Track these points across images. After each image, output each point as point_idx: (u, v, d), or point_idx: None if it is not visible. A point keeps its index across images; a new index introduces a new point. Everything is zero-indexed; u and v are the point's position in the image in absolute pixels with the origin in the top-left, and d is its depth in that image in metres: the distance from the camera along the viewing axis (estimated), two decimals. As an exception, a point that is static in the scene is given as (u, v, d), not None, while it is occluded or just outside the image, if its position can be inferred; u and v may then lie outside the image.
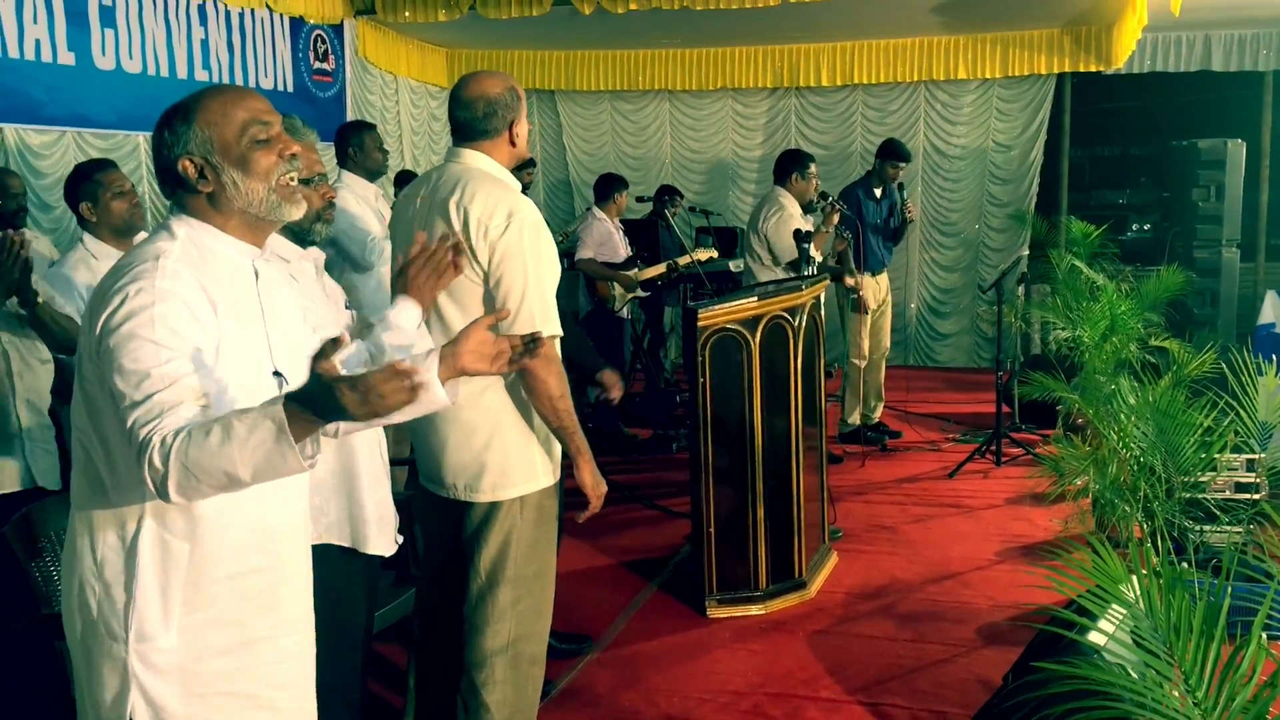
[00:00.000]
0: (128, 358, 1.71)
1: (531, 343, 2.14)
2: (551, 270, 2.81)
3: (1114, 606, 2.48)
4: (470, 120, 2.84)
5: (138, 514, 1.80)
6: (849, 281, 6.80)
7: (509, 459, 2.83)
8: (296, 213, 1.92)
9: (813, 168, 6.25)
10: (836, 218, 6.51)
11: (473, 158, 2.84)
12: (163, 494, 1.65)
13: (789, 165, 6.23)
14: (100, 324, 1.75)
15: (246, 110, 1.88)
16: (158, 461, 1.63)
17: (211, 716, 1.85)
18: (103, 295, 1.78)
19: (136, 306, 1.74)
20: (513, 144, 2.89)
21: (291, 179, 1.90)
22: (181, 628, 1.82)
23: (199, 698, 1.84)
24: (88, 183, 3.61)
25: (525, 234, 2.72)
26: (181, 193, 1.89)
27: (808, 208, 6.42)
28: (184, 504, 1.72)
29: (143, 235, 3.48)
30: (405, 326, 2.51)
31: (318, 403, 1.58)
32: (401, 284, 2.54)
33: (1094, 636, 2.61)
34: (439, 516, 2.97)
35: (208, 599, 1.84)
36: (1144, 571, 2.42)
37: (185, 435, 1.62)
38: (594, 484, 2.91)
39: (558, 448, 2.94)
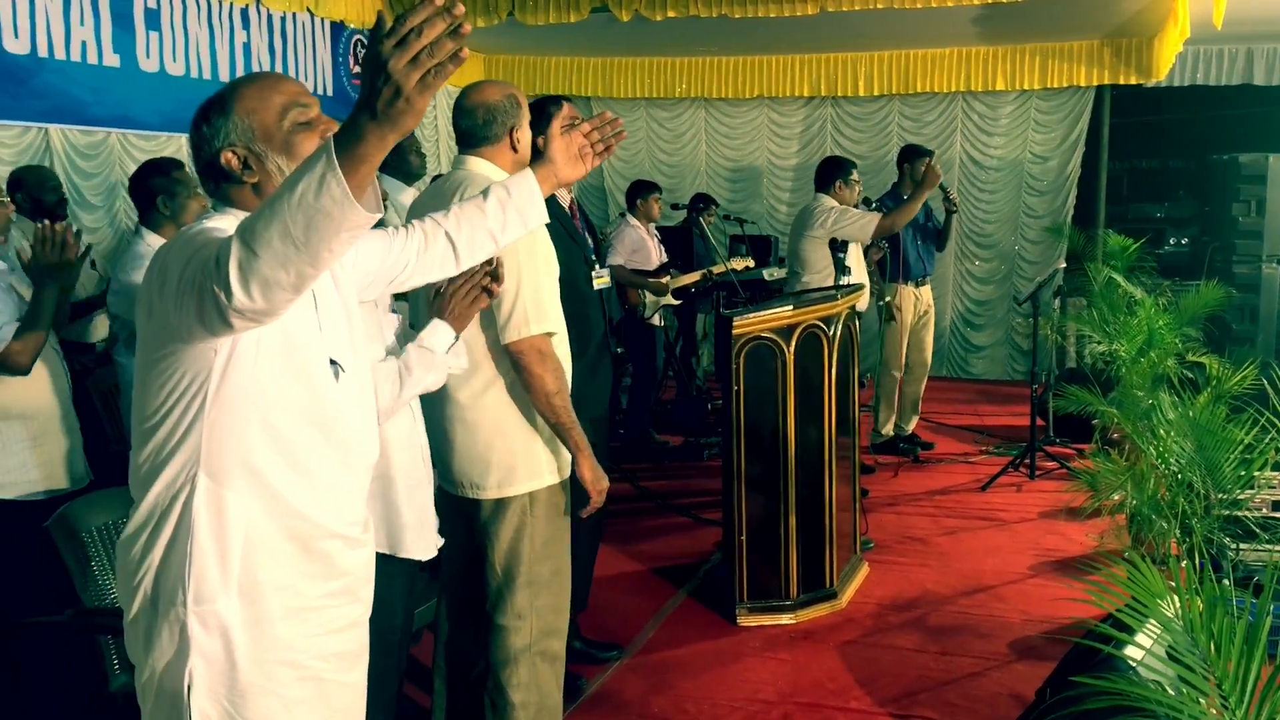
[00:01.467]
0: (185, 250, 1.68)
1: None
2: (547, 269, 2.87)
3: (1150, 622, 2.47)
4: (472, 127, 2.95)
5: (191, 470, 1.77)
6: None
7: (514, 456, 2.88)
8: None
9: (855, 174, 6.21)
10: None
11: (475, 164, 2.92)
12: (226, 284, 1.51)
13: (833, 172, 6.18)
14: (156, 263, 1.74)
15: (284, 94, 1.85)
16: (224, 248, 1.52)
17: (267, 684, 1.82)
18: (157, 255, 1.78)
19: (189, 232, 1.75)
20: (514, 149, 2.98)
21: None
22: (242, 589, 1.79)
23: (257, 664, 1.81)
24: (165, 178, 3.65)
25: None
26: (226, 186, 1.87)
27: None
28: (252, 306, 1.53)
29: None
30: (437, 349, 2.56)
31: (347, 124, 1.45)
32: (438, 306, 2.60)
33: (1130, 651, 2.60)
34: (454, 515, 3.02)
35: (268, 560, 1.81)
36: (1183, 587, 2.40)
37: (246, 218, 1.54)
38: (594, 479, 2.94)
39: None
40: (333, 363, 1.87)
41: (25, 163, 5.55)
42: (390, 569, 2.55)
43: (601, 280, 3.69)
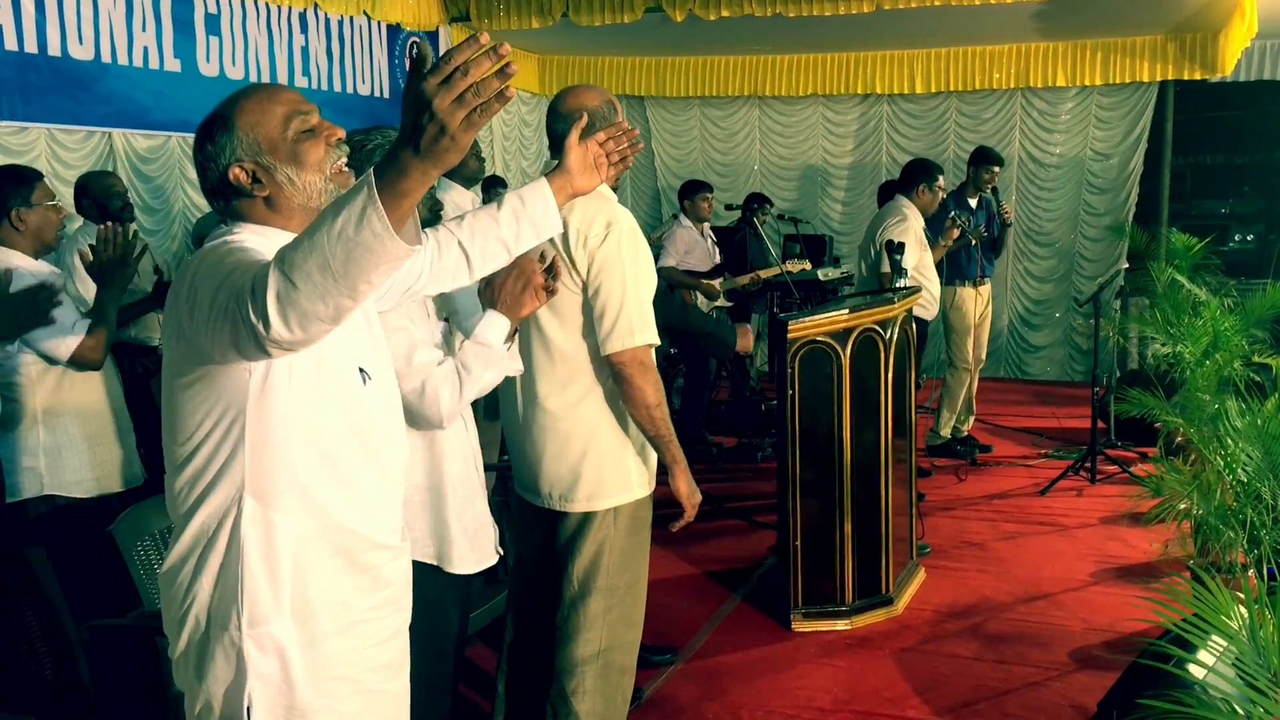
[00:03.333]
0: (215, 273, 1.65)
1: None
2: (649, 278, 2.83)
3: (1215, 637, 2.41)
4: (568, 133, 2.88)
5: (236, 494, 1.76)
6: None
7: (604, 469, 2.85)
8: None
9: (941, 180, 6.12)
10: (957, 233, 6.40)
11: None
12: (263, 315, 1.49)
13: (917, 175, 6.09)
14: (184, 283, 1.72)
15: (284, 104, 1.84)
16: (260, 278, 1.49)
17: (325, 701, 1.82)
18: (184, 274, 1.76)
19: (216, 252, 1.73)
20: None
21: (342, 165, 1.87)
22: (295, 609, 1.79)
23: (313, 683, 1.81)
24: None
25: (624, 243, 2.75)
26: (236, 202, 1.85)
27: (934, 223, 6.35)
28: (290, 337, 1.52)
29: None
30: (492, 342, 2.52)
31: (388, 157, 1.44)
32: (489, 295, 2.56)
33: (1194, 668, 2.54)
34: (533, 525, 3.00)
35: (317, 578, 1.81)
36: (1252, 600, 2.35)
37: (283, 247, 1.51)
38: (689, 493, 2.90)
39: (653, 458, 2.95)
40: (360, 370, 1.87)
41: (89, 166, 5.66)
42: (443, 577, 2.55)
43: None
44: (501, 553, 2.77)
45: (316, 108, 1.89)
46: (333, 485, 1.83)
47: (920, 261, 5.98)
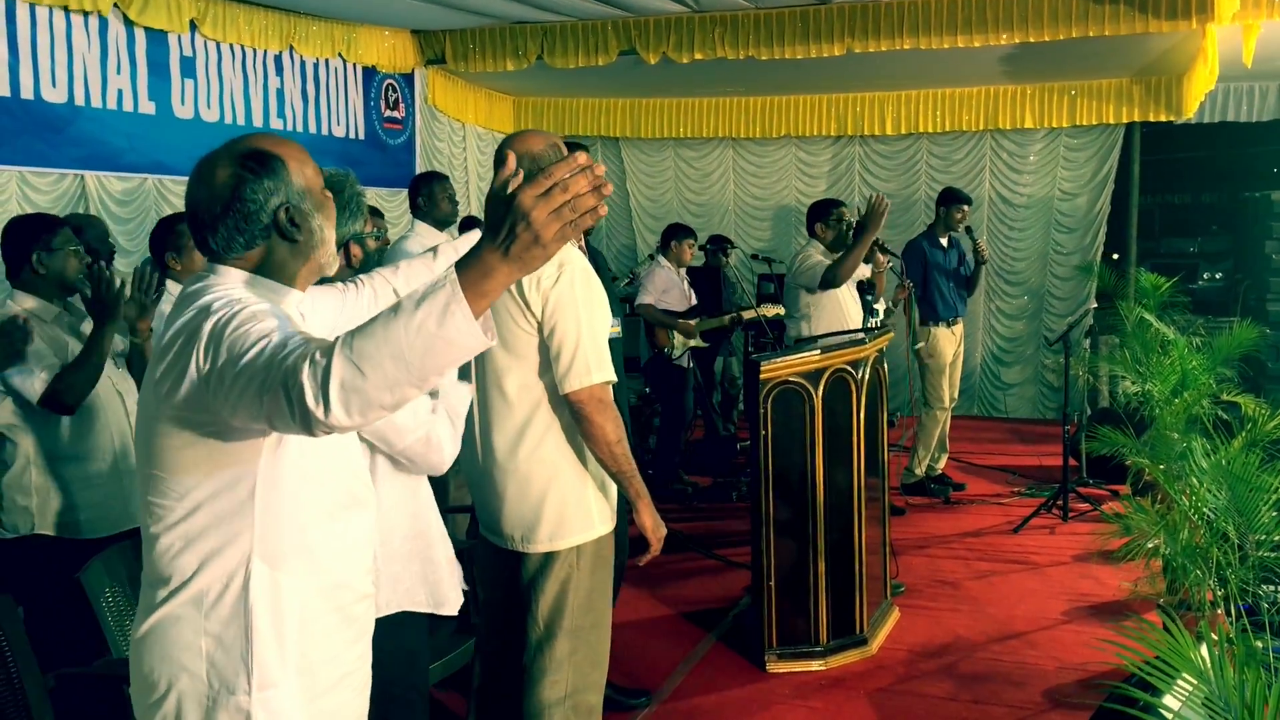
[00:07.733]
0: (240, 339, 1.59)
1: None
2: (603, 317, 2.86)
3: (1186, 676, 2.43)
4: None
5: (244, 557, 1.74)
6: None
7: (566, 509, 2.86)
8: (335, 266, 1.92)
9: (837, 211, 6.16)
10: (885, 260, 6.43)
11: None
12: (325, 401, 1.46)
13: (813, 218, 6.16)
14: (196, 340, 1.65)
15: (310, 161, 1.89)
16: (319, 357, 1.47)
17: None
18: (195, 327, 1.68)
19: (227, 312, 1.66)
20: None
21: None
22: (299, 669, 1.79)
23: None
24: (171, 234, 3.73)
25: (577, 283, 2.79)
26: (257, 245, 1.80)
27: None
28: (348, 423, 1.49)
29: None
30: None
31: (473, 257, 1.47)
32: None
33: (1168, 700, 2.55)
34: (497, 566, 3.00)
35: (317, 636, 1.82)
36: (1212, 640, 2.37)
37: (347, 333, 1.49)
38: (654, 527, 2.92)
39: (614, 494, 2.97)
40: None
41: (62, 209, 5.63)
42: (420, 624, 2.54)
43: (612, 330, 3.65)
44: (468, 588, 2.77)
45: None
46: (332, 541, 1.84)
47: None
